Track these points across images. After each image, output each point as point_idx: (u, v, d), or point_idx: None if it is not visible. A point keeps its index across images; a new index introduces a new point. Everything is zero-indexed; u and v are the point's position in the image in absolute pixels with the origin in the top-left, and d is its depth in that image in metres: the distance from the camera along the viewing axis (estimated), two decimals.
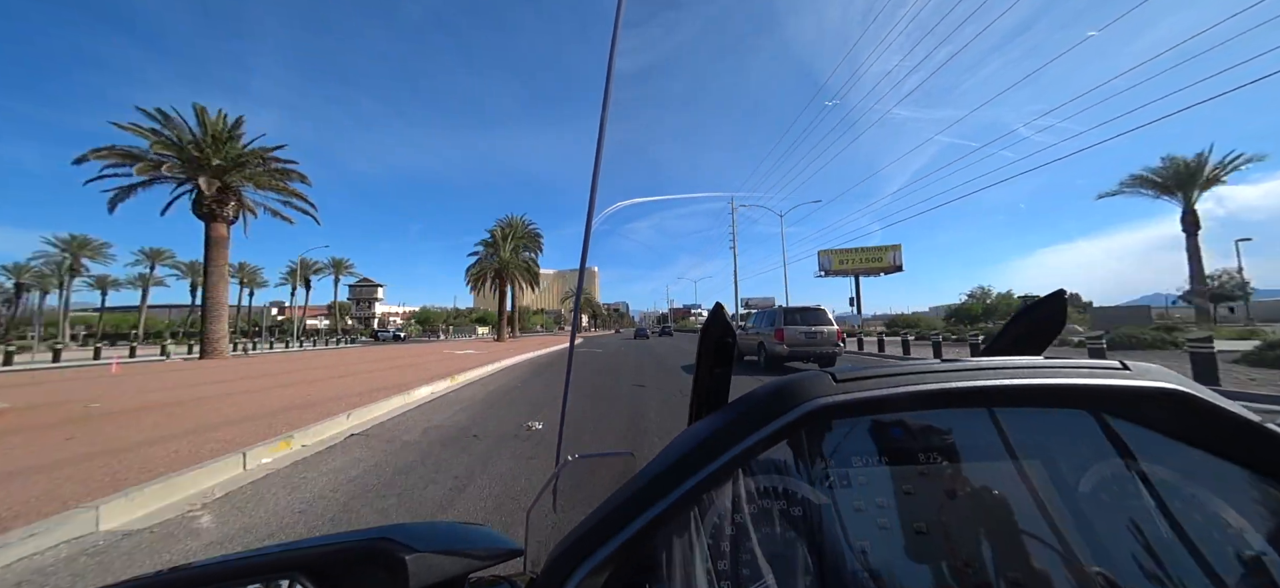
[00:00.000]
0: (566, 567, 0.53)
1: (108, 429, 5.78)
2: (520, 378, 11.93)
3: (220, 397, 8.43)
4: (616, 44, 1.16)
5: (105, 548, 2.94)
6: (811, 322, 11.56)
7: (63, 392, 9.75)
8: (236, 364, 17.70)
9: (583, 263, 1.21)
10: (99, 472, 4.00)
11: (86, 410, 7.18)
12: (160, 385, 10.57)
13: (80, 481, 3.77)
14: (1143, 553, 0.50)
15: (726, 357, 0.77)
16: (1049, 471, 0.55)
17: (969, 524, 0.53)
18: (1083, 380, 0.51)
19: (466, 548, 0.67)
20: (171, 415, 6.62)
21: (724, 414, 0.55)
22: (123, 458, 4.40)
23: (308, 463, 4.69)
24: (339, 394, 8.33)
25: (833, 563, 0.52)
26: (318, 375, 12.00)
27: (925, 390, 0.51)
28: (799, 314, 11.77)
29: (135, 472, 3.96)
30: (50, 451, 4.76)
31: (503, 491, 3.74)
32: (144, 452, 4.62)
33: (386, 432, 6.06)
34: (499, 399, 8.61)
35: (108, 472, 3.99)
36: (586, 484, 0.81)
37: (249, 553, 0.63)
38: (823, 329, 11.43)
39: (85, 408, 7.42)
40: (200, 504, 3.64)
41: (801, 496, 0.56)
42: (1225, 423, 0.49)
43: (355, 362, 17.00)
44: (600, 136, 1.19)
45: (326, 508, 3.50)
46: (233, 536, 3.12)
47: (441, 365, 13.90)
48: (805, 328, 11.46)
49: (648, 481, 0.53)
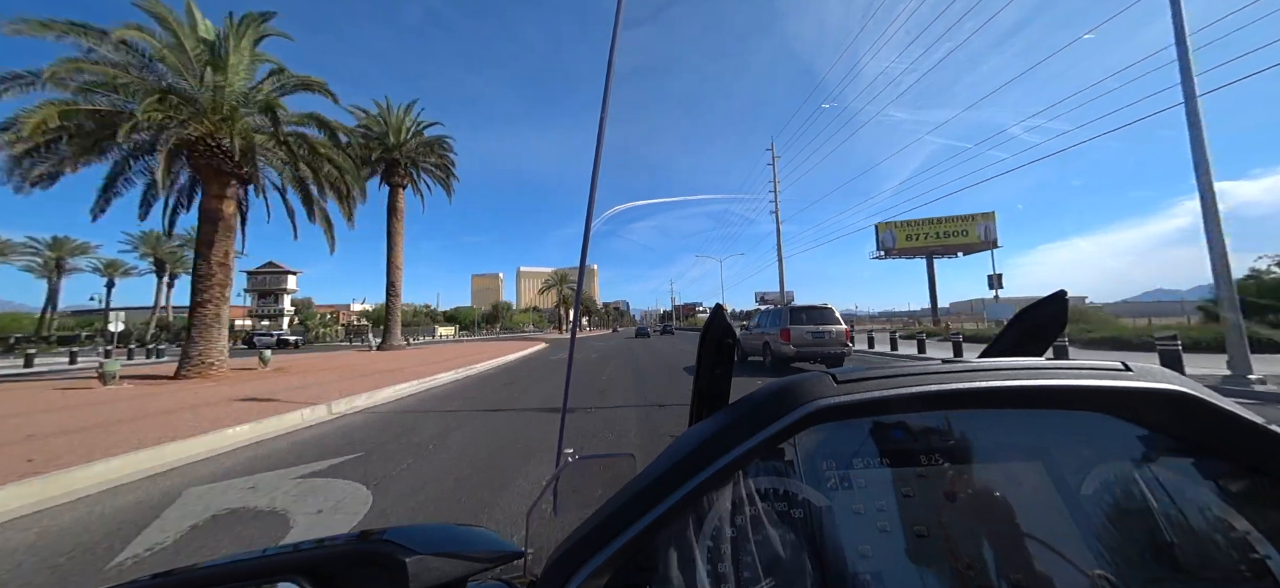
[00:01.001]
0: (567, 569, 0.52)
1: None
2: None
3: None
4: (616, 43, 1.15)
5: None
6: (819, 321, 11.14)
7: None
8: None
9: (583, 262, 1.21)
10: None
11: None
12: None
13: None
14: (1146, 555, 0.50)
15: (727, 357, 0.77)
16: (1051, 472, 0.55)
17: (970, 527, 0.52)
18: (1085, 382, 0.51)
19: (466, 551, 0.67)
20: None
21: (724, 416, 0.55)
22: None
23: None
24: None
25: (834, 566, 0.52)
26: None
27: (926, 392, 0.51)
28: (805, 313, 11.35)
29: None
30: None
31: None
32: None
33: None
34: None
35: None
36: (587, 486, 0.81)
37: (248, 555, 0.62)
38: (831, 329, 11.04)
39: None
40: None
41: (802, 497, 0.56)
42: (1228, 424, 0.49)
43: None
44: (600, 135, 1.19)
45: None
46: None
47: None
48: (813, 328, 11.05)
49: (648, 483, 0.53)
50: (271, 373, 12.91)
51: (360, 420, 6.76)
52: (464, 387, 10.23)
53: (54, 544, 3.00)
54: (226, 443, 5.37)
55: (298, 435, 5.89)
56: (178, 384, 10.63)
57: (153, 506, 3.60)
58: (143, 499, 3.77)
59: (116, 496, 3.88)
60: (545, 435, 5.35)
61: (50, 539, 3.08)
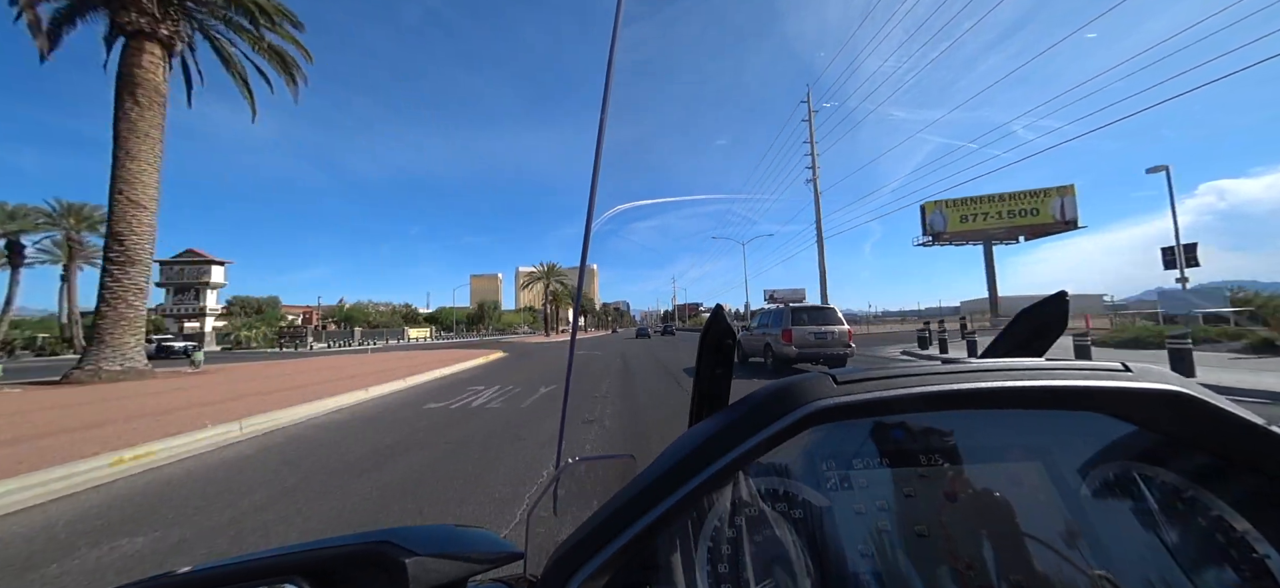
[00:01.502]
0: (566, 570, 0.52)
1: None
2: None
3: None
4: (616, 43, 1.15)
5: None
6: (822, 321, 10.99)
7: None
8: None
9: (583, 262, 1.21)
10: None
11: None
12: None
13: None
14: (1145, 556, 0.50)
15: (727, 358, 0.77)
16: (1051, 473, 0.55)
17: (971, 527, 0.52)
18: (1084, 383, 0.51)
19: (466, 551, 0.67)
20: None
21: (724, 416, 0.55)
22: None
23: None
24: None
25: (834, 566, 0.52)
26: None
27: (926, 392, 0.51)
28: (808, 313, 11.18)
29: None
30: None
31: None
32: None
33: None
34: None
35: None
36: (587, 487, 0.81)
37: (248, 557, 0.62)
38: (834, 329, 10.84)
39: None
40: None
41: (802, 498, 0.56)
42: (1227, 425, 0.49)
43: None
44: (600, 134, 1.19)
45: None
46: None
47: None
48: (815, 328, 10.86)
49: (648, 483, 0.53)
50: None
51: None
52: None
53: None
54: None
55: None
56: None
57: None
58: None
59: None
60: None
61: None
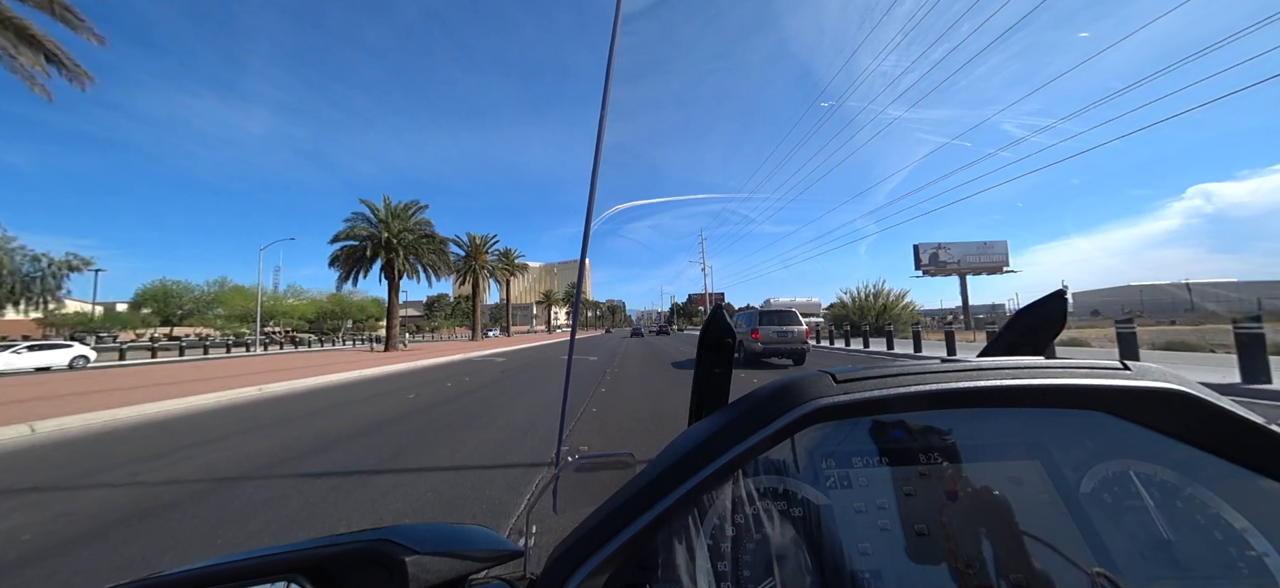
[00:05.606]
0: (566, 568, 0.52)
1: None
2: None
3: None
4: (616, 43, 1.15)
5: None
6: (784, 322, 13.97)
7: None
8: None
9: (583, 261, 1.21)
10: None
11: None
12: None
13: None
14: (1145, 554, 0.50)
15: (726, 357, 0.77)
16: (1050, 471, 0.55)
17: (970, 525, 0.52)
18: (1083, 381, 0.51)
19: (466, 549, 0.67)
20: None
21: (724, 415, 0.55)
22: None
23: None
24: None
25: (833, 564, 0.52)
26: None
27: (926, 391, 0.51)
28: (773, 316, 14.29)
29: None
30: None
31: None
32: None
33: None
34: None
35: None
36: (586, 486, 0.81)
37: (247, 555, 0.62)
38: (793, 329, 13.75)
39: None
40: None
41: (802, 496, 0.56)
42: (1227, 423, 0.49)
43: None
44: (599, 133, 1.19)
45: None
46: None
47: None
48: (778, 327, 13.74)
49: (648, 481, 0.53)
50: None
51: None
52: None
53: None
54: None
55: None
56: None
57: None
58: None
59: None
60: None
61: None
